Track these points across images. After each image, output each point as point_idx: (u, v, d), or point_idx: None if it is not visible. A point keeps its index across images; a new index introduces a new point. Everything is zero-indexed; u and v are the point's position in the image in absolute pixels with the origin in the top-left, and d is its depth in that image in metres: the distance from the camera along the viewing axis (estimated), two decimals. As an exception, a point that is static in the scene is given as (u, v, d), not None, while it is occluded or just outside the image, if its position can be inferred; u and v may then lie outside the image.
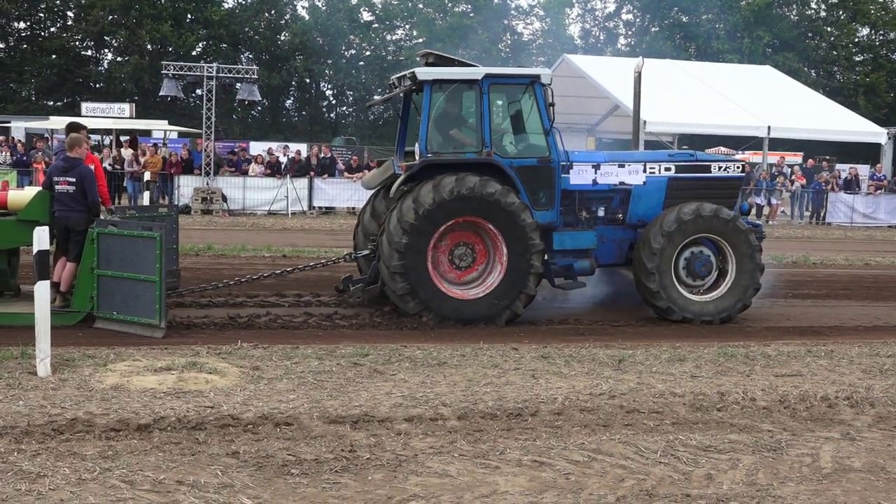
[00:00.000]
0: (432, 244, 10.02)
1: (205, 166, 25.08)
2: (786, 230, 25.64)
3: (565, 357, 8.40)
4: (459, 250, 10.28)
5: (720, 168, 11.40)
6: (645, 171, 11.04)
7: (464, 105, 10.86)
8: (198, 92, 27.50)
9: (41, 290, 7.47)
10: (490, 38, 53.62)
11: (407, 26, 57.26)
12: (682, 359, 8.47)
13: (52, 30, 52.78)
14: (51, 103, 51.25)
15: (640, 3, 58.28)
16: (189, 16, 52.18)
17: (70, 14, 52.77)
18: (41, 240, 7.63)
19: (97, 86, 51.99)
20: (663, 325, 10.56)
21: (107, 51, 53.84)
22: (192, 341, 8.68)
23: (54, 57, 50.63)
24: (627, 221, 11.06)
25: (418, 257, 9.88)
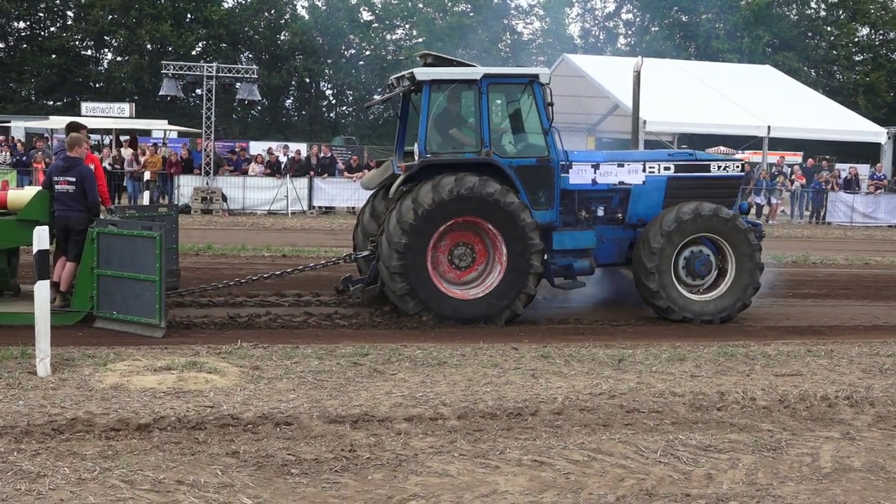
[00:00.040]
0: (432, 244, 10.01)
1: (205, 166, 25.10)
2: (786, 230, 25.64)
3: (565, 357, 8.40)
4: (459, 250, 10.28)
5: (719, 167, 11.39)
6: (644, 170, 11.04)
7: (463, 105, 10.86)
8: (197, 91, 27.52)
9: (41, 289, 7.47)
10: (490, 37, 53.62)
11: (407, 26, 57.24)
12: (682, 358, 8.47)
13: (51, 29, 52.78)
14: (50, 103, 51.25)
15: (639, 2, 58.26)
16: (189, 15, 52.16)
17: (70, 14, 52.78)
18: (41, 239, 7.64)
19: (97, 85, 51.99)
20: (663, 324, 10.56)
21: (106, 50, 53.87)
22: (191, 341, 8.68)
23: (54, 57, 50.62)
24: (627, 221, 11.06)
25: (418, 257, 9.88)
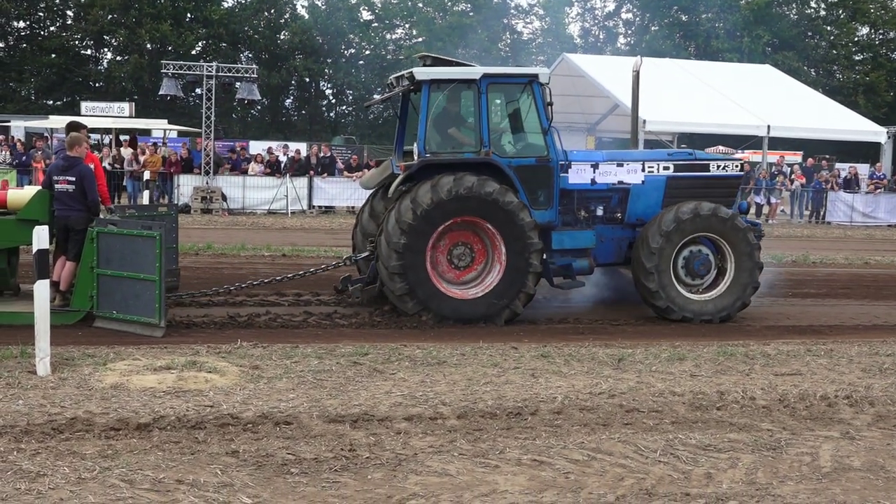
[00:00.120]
0: (431, 244, 10.01)
1: (204, 165, 25.10)
2: (785, 229, 25.64)
3: (565, 356, 8.40)
4: (458, 250, 10.27)
5: (719, 167, 11.39)
6: (643, 170, 11.04)
7: (462, 105, 10.85)
8: (197, 91, 27.53)
9: (41, 289, 7.47)
10: (490, 37, 53.62)
11: (406, 25, 57.21)
12: (682, 358, 8.48)
13: (51, 29, 52.78)
14: (50, 102, 51.21)
15: (639, 2, 58.24)
16: (189, 15, 52.13)
17: (70, 13, 52.76)
18: (41, 239, 7.64)
19: (97, 85, 51.97)
20: (663, 324, 10.56)
21: (106, 50, 53.84)
22: (191, 340, 8.68)
23: (54, 56, 50.60)
24: (626, 220, 11.06)
25: (417, 257, 9.88)
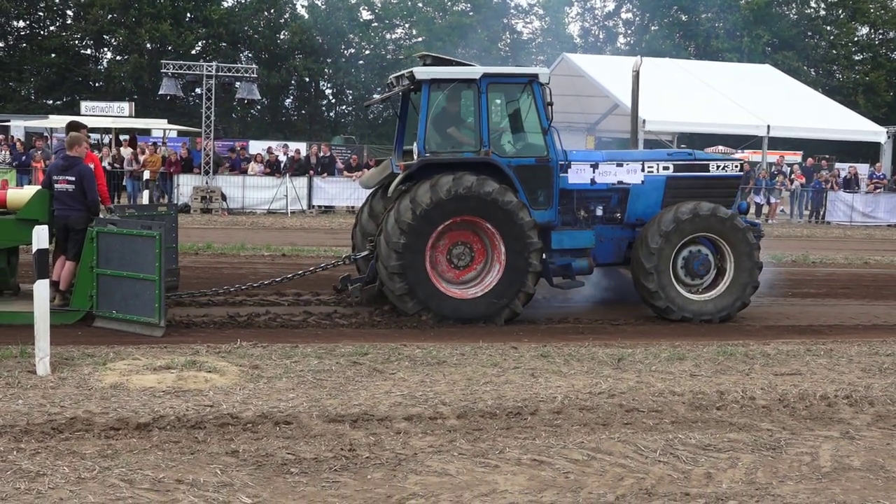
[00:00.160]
0: (430, 244, 10.01)
1: (204, 165, 25.10)
2: (785, 229, 25.64)
3: (565, 356, 8.40)
4: (457, 249, 10.27)
5: (719, 167, 11.39)
6: (643, 170, 11.04)
7: (462, 104, 10.85)
8: (197, 91, 27.52)
9: (40, 288, 7.47)
10: (489, 36, 53.61)
11: (406, 25, 57.18)
12: (682, 357, 8.48)
13: (51, 28, 52.75)
14: (50, 102, 51.18)
15: (639, 1, 58.25)
16: (188, 15, 52.12)
17: (69, 13, 52.73)
18: (40, 238, 7.63)
19: (96, 85, 51.95)
20: (662, 323, 10.56)
21: (106, 50, 53.81)
22: (191, 340, 8.68)
23: (54, 56, 50.56)
24: (626, 220, 11.06)
25: (416, 257, 9.87)
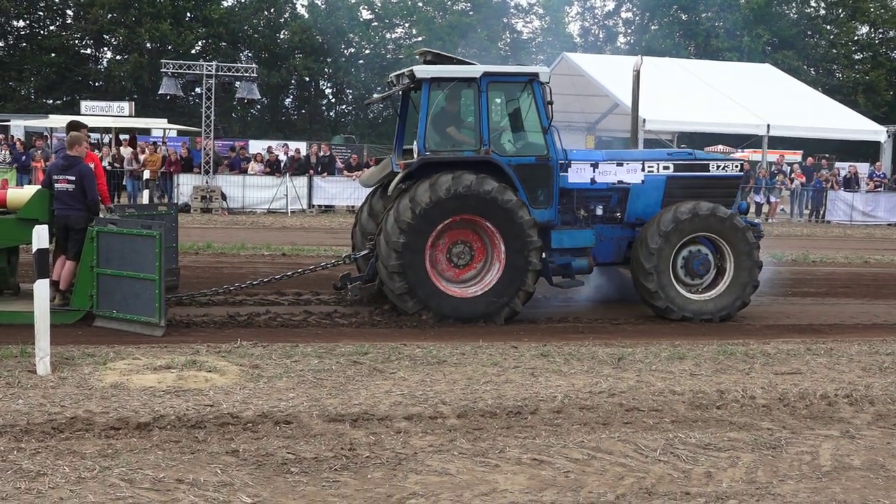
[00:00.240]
0: (430, 243, 10.00)
1: (204, 165, 25.09)
2: (785, 228, 25.64)
3: (565, 355, 8.40)
4: (457, 248, 10.27)
5: (719, 167, 11.39)
6: (643, 169, 11.03)
7: (462, 103, 10.84)
8: (197, 90, 27.53)
9: (40, 288, 7.47)
10: (489, 36, 53.59)
11: (406, 24, 57.17)
12: (682, 357, 8.48)
13: (51, 28, 52.73)
14: (50, 102, 51.18)
15: (639, 1, 58.25)
16: (188, 14, 52.10)
17: (69, 12, 52.72)
18: (40, 238, 7.63)
19: (96, 84, 51.95)
20: (663, 323, 10.55)
21: (106, 49, 53.81)
22: (191, 340, 8.68)
23: (53, 55, 50.54)
24: (626, 220, 11.05)
25: (416, 256, 9.87)
